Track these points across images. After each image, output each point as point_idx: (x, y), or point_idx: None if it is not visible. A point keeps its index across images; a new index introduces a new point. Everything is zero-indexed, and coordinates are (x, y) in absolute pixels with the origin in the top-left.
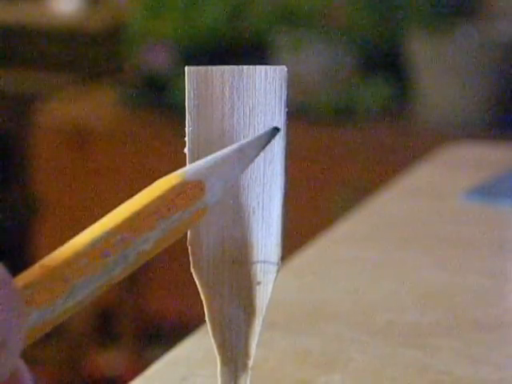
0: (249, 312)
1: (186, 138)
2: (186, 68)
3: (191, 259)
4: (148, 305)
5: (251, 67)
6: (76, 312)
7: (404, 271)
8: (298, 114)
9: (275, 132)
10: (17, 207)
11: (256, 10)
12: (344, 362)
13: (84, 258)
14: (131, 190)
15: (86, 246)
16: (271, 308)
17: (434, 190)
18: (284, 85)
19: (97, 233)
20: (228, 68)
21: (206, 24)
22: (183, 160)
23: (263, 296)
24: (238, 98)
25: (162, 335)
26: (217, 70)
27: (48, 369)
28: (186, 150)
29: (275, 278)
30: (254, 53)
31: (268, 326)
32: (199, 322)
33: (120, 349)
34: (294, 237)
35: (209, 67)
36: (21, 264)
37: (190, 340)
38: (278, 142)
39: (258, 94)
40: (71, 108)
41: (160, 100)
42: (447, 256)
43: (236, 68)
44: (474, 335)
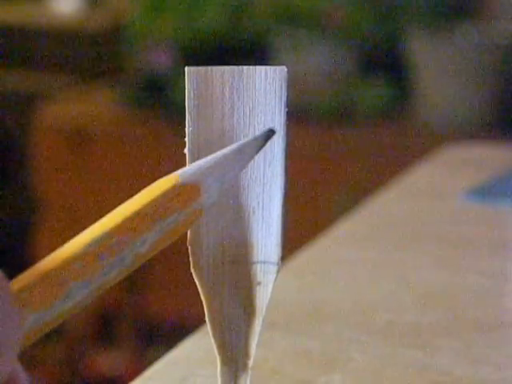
0: (249, 312)
1: (186, 138)
2: (186, 68)
3: (191, 259)
4: (148, 305)
5: (251, 67)
6: (74, 314)
7: (404, 271)
8: (298, 114)
9: (271, 133)
10: (17, 207)
11: (256, 11)
12: (344, 362)
13: (80, 261)
14: (131, 190)
15: (83, 249)
16: (271, 308)
17: (434, 190)
18: (284, 85)
19: (93, 235)
20: (228, 68)
21: (206, 24)
22: (183, 160)
23: (263, 296)
24: (238, 98)
25: (162, 335)
26: (217, 71)
27: (48, 369)
28: (186, 150)
29: (275, 278)
30: (254, 53)
31: (268, 326)
32: (199, 322)
33: (120, 349)
34: (294, 237)
35: (209, 67)
36: (21, 264)
37: (190, 340)
38: (278, 142)
39: (258, 94)
40: (71, 108)
41: (160, 100)
42: (447, 256)
43: (236, 68)
44: (474, 335)
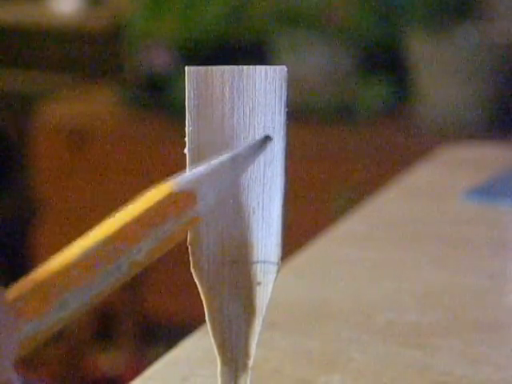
0: (249, 312)
1: (186, 138)
2: (186, 68)
3: (191, 259)
4: (148, 305)
5: (251, 67)
6: (69, 321)
7: (404, 271)
8: (298, 114)
9: (267, 140)
10: (17, 207)
11: (256, 11)
12: (344, 362)
13: (76, 269)
14: (131, 190)
15: (79, 257)
16: (271, 308)
17: (434, 190)
18: (284, 85)
19: (89, 243)
20: (228, 68)
21: (206, 24)
22: (183, 160)
23: (263, 296)
24: (238, 98)
25: (162, 335)
26: (217, 70)
27: (48, 369)
28: (186, 150)
29: (275, 278)
30: (254, 53)
31: (268, 326)
32: (199, 322)
33: (120, 349)
34: (294, 237)
35: (209, 67)
36: (21, 264)
37: (190, 340)
38: (278, 142)
39: (258, 94)
40: (71, 108)
41: (160, 100)
42: (447, 256)
43: (236, 68)
44: (474, 335)
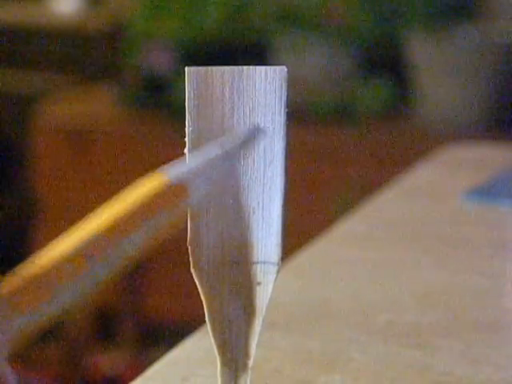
0: (249, 312)
1: (186, 138)
2: (187, 68)
3: (191, 259)
4: (148, 305)
5: (251, 68)
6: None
7: (404, 271)
8: (298, 114)
9: (257, 130)
10: (17, 207)
11: (256, 11)
12: (344, 362)
13: (68, 262)
14: None
15: (70, 250)
16: (271, 308)
17: (434, 190)
18: (284, 85)
19: (81, 236)
20: (228, 68)
21: (207, 25)
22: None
23: (263, 296)
24: (238, 99)
25: (162, 335)
26: (217, 71)
27: (48, 369)
28: (186, 150)
29: (275, 278)
30: (254, 53)
31: (268, 326)
32: (199, 322)
33: (120, 349)
34: (294, 237)
35: (209, 68)
36: (20, 264)
37: (190, 340)
38: (278, 142)
39: (258, 95)
40: (71, 108)
41: (160, 100)
42: (447, 256)
43: (236, 68)
44: (474, 335)
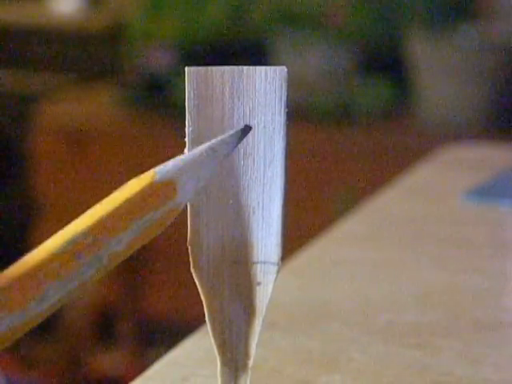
0: (249, 312)
1: (186, 138)
2: (186, 68)
3: (191, 259)
4: (148, 305)
5: (251, 68)
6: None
7: (404, 271)
8: (298, 114)
9: (247, 129)
10: (17, 207)
11: (256, 11)
12: (344, 362)
13: (57, 261)
14: None
15: (59, 249)
16: (271, 308)
17: (434, 190)
18: (284, 85)
19: (69, 235)
20: (228, 68)
21: (207, 24)
22: None
23: (263, 296)
24: (238, 99)
25: (162, 335)
26: (217, 71)
27: (48, 369)
28: (186, 150)
29: (275, 278)
30: (254, 53)
31: (268, 326)
32: (199, 322)
33: (120, 349)
34: (294, 237)
35: (209, 67)
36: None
37: (190, 340)
38: (278, 142)
39: (258, 95)
40: (71, 108)
41: (160, 100)
42: (447, 256)
43: (236, 68)
44: (474, 335)
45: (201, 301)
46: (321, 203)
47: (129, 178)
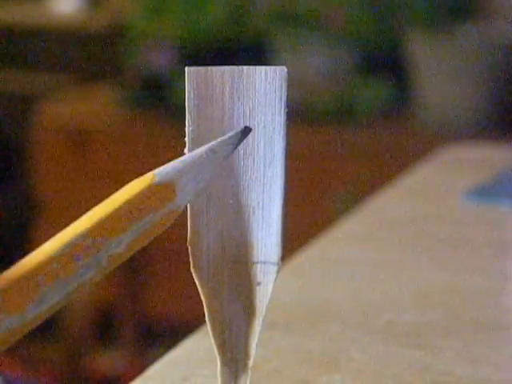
0: (249, 312)
1: (186, 138)
2: (186, 68)
3: (191, 259)
4: (148, 305)
5: (251, 68)
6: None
7: (404, 271)
8: (298, 114)
9: (247, 131)
10: (17, 207)
11: (256, 11)
12: (344, 362)
13: (56, 262)
14: None
15: (58, 250)
16: (271, 308)
17: (434, 191)
18: (284, 85)
19: (68, 237)
20: (228, 68)
21: (207, 24)
22: None
23: (263, 296)
24: (238, 99)
25: (162, 335)
26: (217, 71)
27: (48, 369)
28: (186, 150)
29: (275, 278)
30: (254, 53)
31: (268, 326)
32: (199, 322)
33: (120, 349)
34: (294, 237)
35: (209, 67)
36: None
37: (190, 340)
38: (278, 142)
39: (258, 95)
40: (71, 108)
41: (160, 100)
42: (447, 256)
43: (236, 68)
44: (474, 335)
45: (201, 301)
46: (321, 203)
47: (129, 178)
